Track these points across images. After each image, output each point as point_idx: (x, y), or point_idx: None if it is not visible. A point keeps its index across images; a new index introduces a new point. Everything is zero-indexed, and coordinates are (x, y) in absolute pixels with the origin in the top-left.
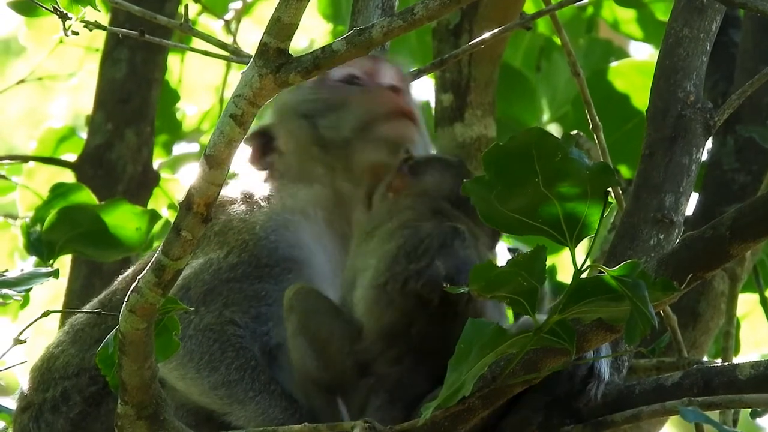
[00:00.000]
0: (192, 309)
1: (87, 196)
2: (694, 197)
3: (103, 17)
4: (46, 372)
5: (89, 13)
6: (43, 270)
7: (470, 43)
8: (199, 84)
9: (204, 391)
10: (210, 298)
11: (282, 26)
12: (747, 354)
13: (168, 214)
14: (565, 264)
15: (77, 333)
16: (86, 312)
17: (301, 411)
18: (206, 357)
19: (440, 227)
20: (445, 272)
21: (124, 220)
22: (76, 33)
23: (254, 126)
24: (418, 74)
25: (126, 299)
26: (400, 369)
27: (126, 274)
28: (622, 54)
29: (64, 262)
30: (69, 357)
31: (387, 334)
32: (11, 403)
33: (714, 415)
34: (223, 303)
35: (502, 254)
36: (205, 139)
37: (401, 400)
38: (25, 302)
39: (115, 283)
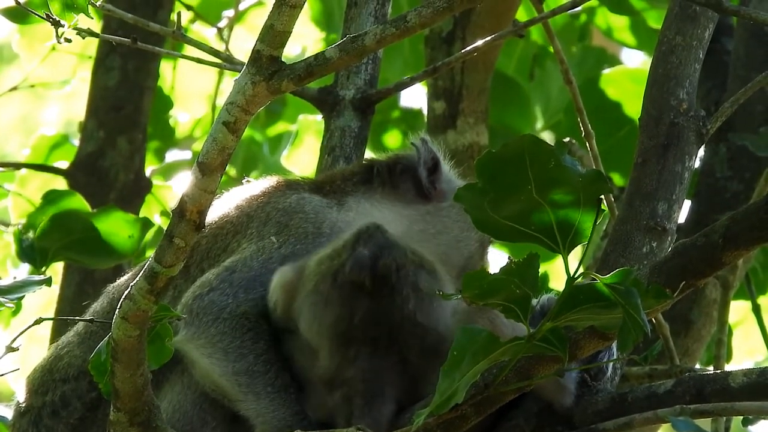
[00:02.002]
0: (185, 317)
1: (79, 203)
2: (687, 205)
3: (96, 25)
4: (47, 373)
5: (82, 21)
6: (36, 278)
7: (463, 51)
8: (192, 91)
9: (225, 374)
10: (252, 286)
11: (275, 34)
12: (739, 362)
13: (160, 222)
14: (558, 271)
15: (88, 335)
16: (80, 319)
17: (311, 420)
18: (237, 342)
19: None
20: (369, 252)
21: (116, 227)
22: (68, 40)
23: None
24: (410, 82)
25: (119, 306)
26: (360, 367)
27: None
28: (614, 61)
29: (56, 269)
30: (72, 358)
31: (335, 334)
32: (5, 410)
33: (706, 423)
34: (262, 295)
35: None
36: (198, 146)
37: (377, 397)
38: (18, 309)
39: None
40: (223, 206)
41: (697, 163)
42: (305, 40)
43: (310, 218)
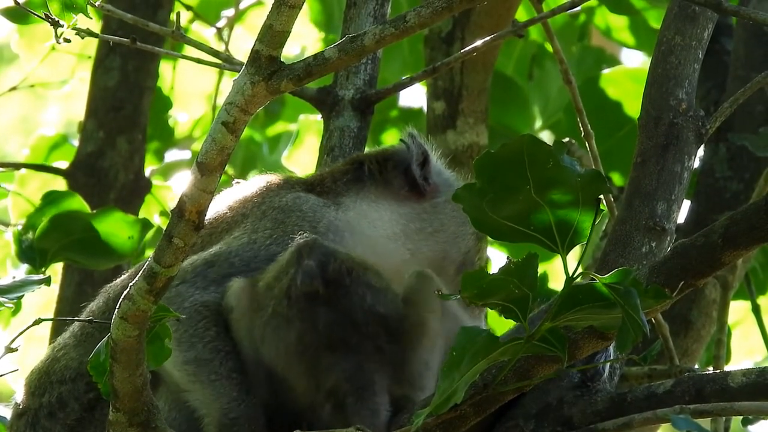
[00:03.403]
0: (183, 317)
1: (79, 204)
2: (686, 205)
3: (95, 25)
4: (44, 375)
5: (81, 21)
6: (36, 278)
7: (462, 51)
8: (191, 91)
9: (177, 363)
10: (227, 281)
11: (274, 34)
12: (739, 362)
13: (160, 222)
14: (557, 271)
15: (84, 336)
16: (79, 320)
17: (251, 404)
18: (190, 331)
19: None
20: (315, 261)
21: (116, 228)
22: (68, 40)
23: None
24: (410, 82)
25: (118, 306)
26: (340, 369)
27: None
28: (614, 62)
29: (55, 270)
30: (69, 360)
31: (303, 350)
32: (4, 411)
33: (706, 422)
34: None
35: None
36: (197, 146)
37: (367, 390)
38: (17, 310)
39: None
40: (217, 206)
41: (696, 163)
42: (304, 40)
43: (307, 217)
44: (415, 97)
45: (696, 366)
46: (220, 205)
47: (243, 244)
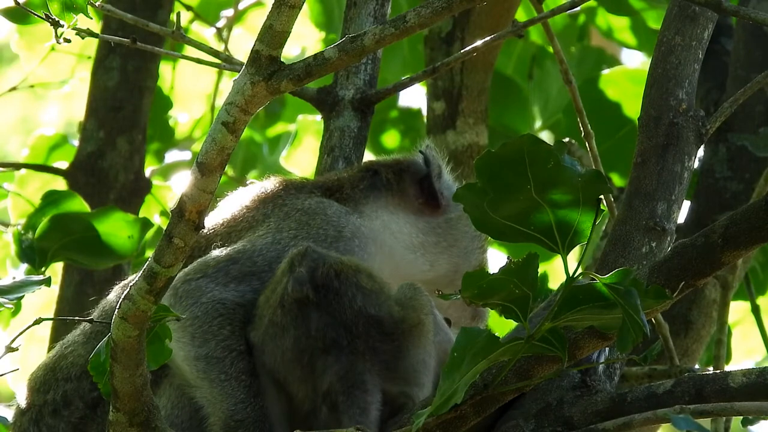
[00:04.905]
0: (183, 317)
1: (79, 204)
2: (687, 205)
3: (95, 25)
4: (50, 372)
5: (81, 21)
6: (36, 278)
7: (462, 51)
8: (192, 92)
9: (187, 358)
10: (248, 279)
11: (274, 34)
12: (739, 362)
13: (160, 222)
14: (558, 271)
15: (93, 334)
16: (79, 320)
17: (258, 407)
18: (205, 327)
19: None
20: (305, 269)
21: (116, 227)
22: (68, 41)
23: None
24: (410, 82)
25: (118, 306)
26: (333, 371)
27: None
28: (614, 62)
29: (56, 270)
30: (76, 357)
31: (299, 355)
32: (4, 411)
33: (706, 423)
34: (254, 287)
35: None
36: (197, 146)
37: (357, 388)
38: (17, 310)
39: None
40: (234, 206)
41: (696, 164)
42: (305, 40)
43: (331, 221)
44: (415, 97)
45: (696, 366)
46: (237, 204)
47: (267, 243)
